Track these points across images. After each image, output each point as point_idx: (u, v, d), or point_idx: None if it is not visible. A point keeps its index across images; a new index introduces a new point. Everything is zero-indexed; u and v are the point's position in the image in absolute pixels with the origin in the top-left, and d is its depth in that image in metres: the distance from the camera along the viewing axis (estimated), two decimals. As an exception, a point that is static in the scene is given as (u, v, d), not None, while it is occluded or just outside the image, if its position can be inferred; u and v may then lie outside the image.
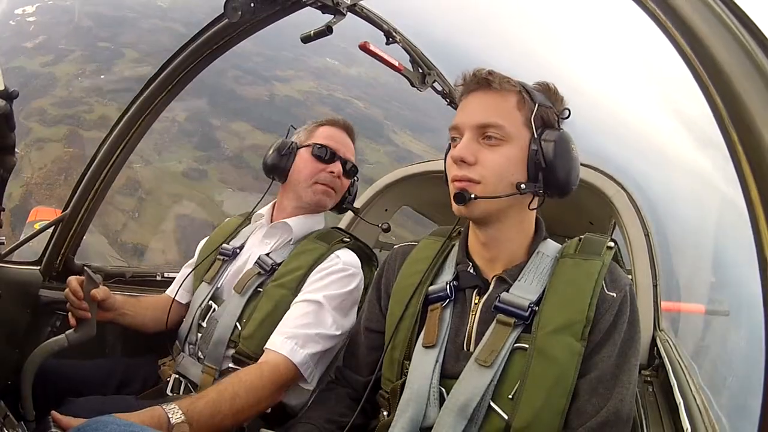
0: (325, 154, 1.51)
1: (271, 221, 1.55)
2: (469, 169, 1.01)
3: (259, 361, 1.24)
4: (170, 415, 1.00)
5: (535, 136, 1.00)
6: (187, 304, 1.58)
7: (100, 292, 1.30)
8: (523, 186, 0.99)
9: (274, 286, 1.39)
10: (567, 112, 1.07)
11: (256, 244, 1.55)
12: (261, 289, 1.41)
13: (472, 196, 0.99)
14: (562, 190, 1.03)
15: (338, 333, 1.33)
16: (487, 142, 1.01)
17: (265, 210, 1.60)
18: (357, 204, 2.61)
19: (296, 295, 1.36)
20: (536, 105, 1.02)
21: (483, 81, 1.04)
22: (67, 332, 1.25)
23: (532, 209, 1.05)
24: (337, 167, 1.51)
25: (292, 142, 1.56)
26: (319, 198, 1.51)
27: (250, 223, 1.64)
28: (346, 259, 1.42)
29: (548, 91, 1.09)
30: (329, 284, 1.36)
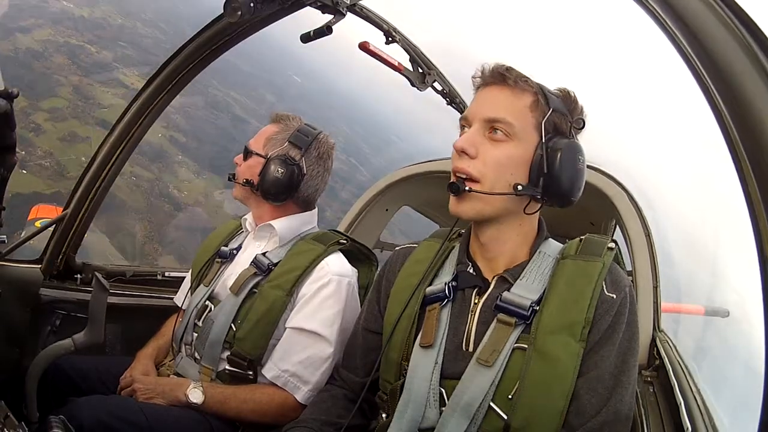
0: None
1: (256, 224, 1.55)
2: (469, 162, 0.99)
3: (275, 383, 1.34)
4: (192, 383, 1.33)
5: (543, 140, 0.99)
6: None
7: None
8: (520, 188, 0.98)
9: (270, 287, 1.38)
10: (582, 122, 1.04)
11: (252, 246, 1.55)
12: (256, 290, 1.40)
13: (467, 188, 0.98)
14: (562, 200, 1.01)
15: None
16: (492, 136, 1.00)
17: (249, 215, 1.59)
18: (357, 204, 2.61)
19: (291, 297, 1.37)
20: (550, 110, 1.00)
21: (499, 76, 1.02)
22: (74, 336, 1.23)
23: (528, 214, 1.04)
24: (239, 157, 1.54)
25: None
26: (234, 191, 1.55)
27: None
28: (335, 269, 1.41)
29: (567, 98, 1.05)
30: (322, 307, 1.36)
